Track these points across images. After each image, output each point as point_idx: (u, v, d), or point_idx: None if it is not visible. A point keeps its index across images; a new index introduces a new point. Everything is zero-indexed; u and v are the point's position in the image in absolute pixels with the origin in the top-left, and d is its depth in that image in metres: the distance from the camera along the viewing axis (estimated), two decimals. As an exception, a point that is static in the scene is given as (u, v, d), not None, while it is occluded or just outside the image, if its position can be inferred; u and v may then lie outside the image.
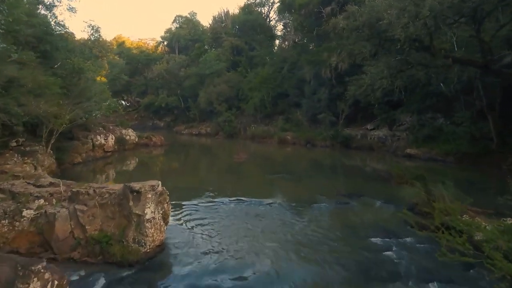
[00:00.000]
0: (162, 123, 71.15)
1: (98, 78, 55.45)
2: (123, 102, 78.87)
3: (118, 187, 12.40)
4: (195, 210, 16.87)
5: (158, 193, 12.09)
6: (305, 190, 21.99)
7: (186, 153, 41.77)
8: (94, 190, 12.29)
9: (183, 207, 17.23)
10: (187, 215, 16.07)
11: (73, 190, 12.52)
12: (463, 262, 8.24)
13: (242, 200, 18.56)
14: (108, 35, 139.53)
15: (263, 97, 51.80)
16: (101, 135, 33.21)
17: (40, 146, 23.95)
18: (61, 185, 13.47)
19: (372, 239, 13.11)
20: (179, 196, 18.82)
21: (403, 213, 12.36)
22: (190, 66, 66.61)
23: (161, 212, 12.29)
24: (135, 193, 11.48)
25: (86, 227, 11.58)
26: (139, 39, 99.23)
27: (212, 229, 14.16)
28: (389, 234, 13.64)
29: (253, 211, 16.84)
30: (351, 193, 20.11)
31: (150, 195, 11.59)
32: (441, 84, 30.28)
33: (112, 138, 34.40)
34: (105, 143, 33.23)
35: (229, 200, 18.61)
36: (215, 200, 18.67)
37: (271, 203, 18.16)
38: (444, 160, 29.91)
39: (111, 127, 37.30)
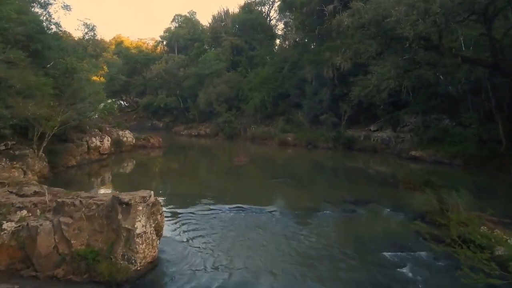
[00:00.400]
0: (161, 123, 69.97)
1: (97, 78, 54.80)
2: (122, 103, 78.18)
3: (106, 197, 11.38)
4: (191, 219, 15.85)
5: (150, 204, 11.06)
6: (308, 196, 20.97)
7: (185, 155, 40.77)
8: (80, 201, 11.27)
9: (179, 216, 16.25)
10: (183, 225, 15.06)
11: (59, 200, 11.51)
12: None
13: (242, 208, 17.49)
14: (107, 35, 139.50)
15: (263, 98, 50.77)
16: (97, 137, 32.19)
17: (31, 150, 22.94)
18: (46, 194, 12.48)
19: (384, 253, 12.08)
20: (175, 203, 18.04)
21: (415, 224, 11.47)
22: (189, 66, 65.47)
23: (153, 225, 11.26)
24: (124, 205, 10.47)
25: (72, 241, 10.59)
26: (138, 38, 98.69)
27: (209, 242, 13.09)
28: (401, 247, 12.61)
29: (254, 220, 15.82)
30: (357, 200, 19.00)
31: (141, 208, 10.57)
32: (448, 85, 29.26)
33: (108, 140, 33.39)
34: (101, 145, 32.22)
35: (228, 208, 17.54)
36: (214, 208, 17.61)
37: (273, 211, 17.14)
38: (450, 163, 28.84)
39: (107, 129, 36.34)
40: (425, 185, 20.00)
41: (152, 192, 11.34)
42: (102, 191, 22.20)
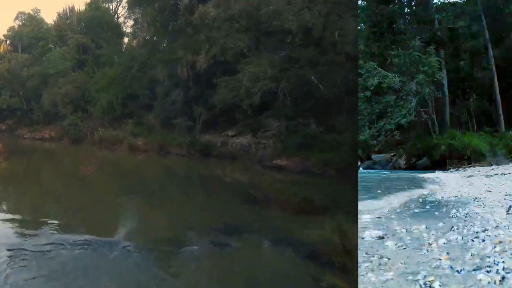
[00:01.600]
0: (3, 126, 63.61)
1: None
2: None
3: None
4: (23, 261, 11.36)
5: None
6: (167, 219, 17.89)
7: (26, 162, 37.62)
8: None
9: (7, 255, 11.58)
10: (9, 272, 10.31)
11: None
12: None
13: (89, 241, 13.49)
14: None
15: (111, 99, 47.69)
16: None
17: None
18: None
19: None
20: (2, 234, 14.03)
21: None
22: (33, 65, 60.75)
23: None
24: None
25: None
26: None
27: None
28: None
29: (105, 263, 11.99)
30: (228, 226, 15.81)
31: None
32: (320, 85, 27.55)
33: None
34: None
35: (73, 241, 13.47)
36: (54, 241, 13.43)
37: (127, 246, 13.38)
38: (322, 173, 25.70)
39: None
40: (304, 203, 17.66)
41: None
42: None
